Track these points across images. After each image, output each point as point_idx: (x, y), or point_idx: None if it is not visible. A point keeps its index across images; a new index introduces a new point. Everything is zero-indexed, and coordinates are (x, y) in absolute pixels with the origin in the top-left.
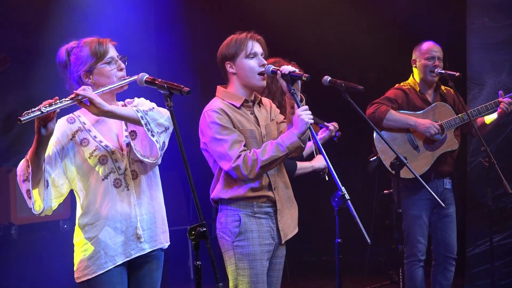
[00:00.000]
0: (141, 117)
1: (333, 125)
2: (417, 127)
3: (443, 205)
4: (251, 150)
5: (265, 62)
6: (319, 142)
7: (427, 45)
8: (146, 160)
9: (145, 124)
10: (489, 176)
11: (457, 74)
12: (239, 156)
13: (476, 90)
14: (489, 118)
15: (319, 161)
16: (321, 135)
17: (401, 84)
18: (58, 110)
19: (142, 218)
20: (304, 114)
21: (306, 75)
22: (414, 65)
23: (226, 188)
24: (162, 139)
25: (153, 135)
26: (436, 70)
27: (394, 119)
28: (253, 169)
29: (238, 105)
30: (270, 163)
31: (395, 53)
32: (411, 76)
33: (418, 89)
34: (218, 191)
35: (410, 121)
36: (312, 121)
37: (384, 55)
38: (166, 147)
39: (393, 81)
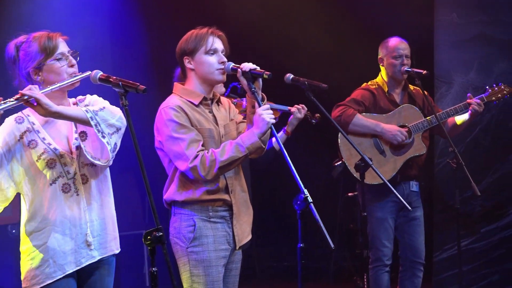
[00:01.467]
0: (91, 117)
1: (295, 107)
2: (384, 134)
3: (409, 207)
4: (209, 150)
5: (225, 59)
6: (280, 142)
7: (393, 42)
8: (96, 162)
9: (95, 125)
10: (457, 178)
11: (424, 72)
12: (197, 156)
13: (444, 88)
14: (460, 119)
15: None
16: (289, 119)
17: (369, 83)
18: (2, 111)
19: (93, 224)
20: (265, 113)
21: (268, 72)
22: (381, 64)
23: (180, 189)
24: (113, 141)
25: (103, 137)
26: (402, 68)
27: (361, 124)
28: (211, 170)
29: (196, 103)
30: (229, 164)
31: (361, 50)
32: (379, 74)
33: (386, 89)
34: (172, 192)
35: (377, 127)
36: (273, 120)
37: (350, 52)
38: (118, 148)
39: (359, 79)
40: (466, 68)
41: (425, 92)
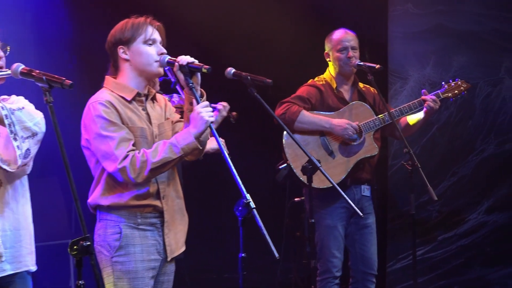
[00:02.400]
0: (6, 115)
1: (221, 105)
2: (332, 128)
3: (361, 214)
4: (140, 151)
5: (165, 50)
6: (220, 142)
7: (338, 34)
8: (4, 166)
9: (9, 125)
10: (413, 181)
11: (377, 66)
12: (127, 156)
13: (399, 84)
14: (414, 119)
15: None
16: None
17: (316, 79)
18: None
19: (5, 234)
20: (204, 111)
21: (207, 66)
22: (328, 59)
23: (106, 193)
24: (25, 146)
25: (15, 139)
26: (354, 62)
27: (307, 121)
28: (142, 172)
29: (129, 99)
30: (162, 166)
31: (309, 43)
32: (327, 70)
33: (334, 85)
34: (97, 196)
35: (324, 122)
36: (212, 119)
37: (297, 45)
38: (32, 155)
39: (310, 75)
40: (422, 62)
41: (375, 90)
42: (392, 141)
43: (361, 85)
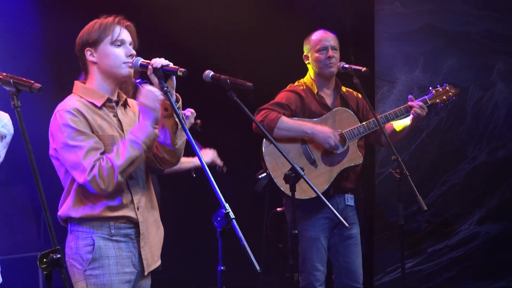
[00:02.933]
0: None
1: (190, 111)
2: (314, 134)
3: (347, 224)
4: (103, 158)
5: (134, 52)
6: (196, 146)
7: (317, 35)
8: None
9: None
10: (401, 190)
11: (364, 69)
12: (94, 166)
13: (386, 88)
14: (400, 125)
15: (205, 156)
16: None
17: (295, 84)
18: None
19: None
20: (150, 95)
21: (182, 69)
22: (308, 62)
23: (77, 204)
24: None
25: None
26: (339, 64)
27: (287, 127)
28: (112, 180)
29: (99, 105)
30: (129, 165)
31: (292, 44)
32: (307, 74)
33: (315, 90)
34: (67, 207)
35: (306, 128)
36: (161, 96)
37: (279, 46)
38: (1, 159)
39: (290, 77)
40: (410, 64)
41: (359, 94)
42: (379, 148)
43: (343, 89)
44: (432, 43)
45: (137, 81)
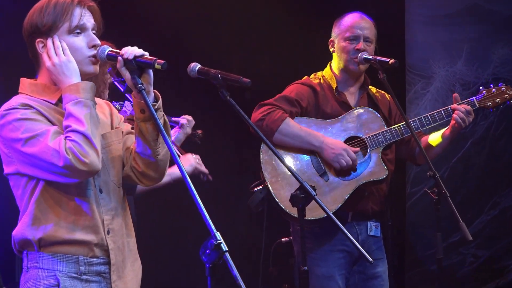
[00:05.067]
0: None
1: (185, 119)
2: (323, 150)
3: (370, 259)
4: (62, 139)
5: (98, 41)
6: (178, 160)
7: (350, 18)
8: None
9: None
10: (439, 215)
11: (392, 60)
12: (65, 143)
13: (420, 85)
14: (435, 138)
15: (185, 163)
16: (174, 135)
17: (311, 76)
18: None
19: None
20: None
21: (161, 61)
22: (332, 49)
23: (37, 223)
24: None
25: None
26: (360, 55)
27: (291, 133)
28: (91, 147)
29: (53, 101)
30: (93, 126)
31: (301, 32)
32: (328, 65)
33: (334, 85)
34: (24, 226)
35: (314, 139)
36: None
37: (285, 35)
38: None
39: (297, 73)
40: (451, 55)
41: (390, 97)
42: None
43: (373, 89)
44: (478, 28)
45: (116, 81)
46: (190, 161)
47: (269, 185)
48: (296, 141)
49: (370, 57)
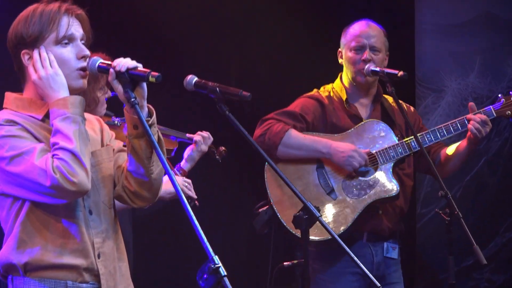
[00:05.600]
0: None
1: (200, 135)
2: (331, 155)
3: (378, 284)
4: (49, 157)
5: (88, 52)
6: (175, 180)
7: (357, 26)
8: None
9: None
10: (451, 238)
11: (400, 73)
12: (52, 161)
13: (430, 99)
14: (454, 148)
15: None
16: (187, 153)
17: (320, 89)
18: None
19: None
20: None
21: (155, 73)
22: (341, 60)
23: (22, 246)
24: None
25: None
26: (367, 67)
27: (296, 143)
28: (79, 165)
29: (39, 117)
30: (82, 143)
31: (307, 42)
32: (338, 77)
33: (344, 97)
34: (9, 250)
35: (321, 145)
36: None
37: (289, 45)
38: None
39: (302, 86)
40: (463, 66)
41: (411, 107)
42: (421, 180)
43: (389, 99)
44: (492, 38)
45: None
46: (178, 182)
47: (274, 205)
48: (302, 151)
49: (377, 69)
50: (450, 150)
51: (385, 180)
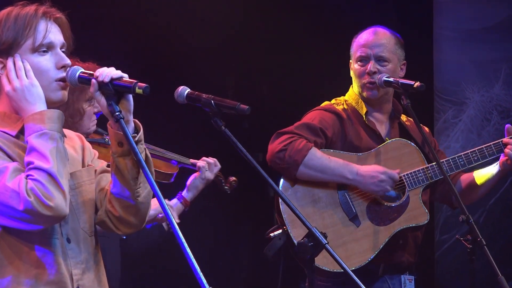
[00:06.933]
0: None
1: (204, 161)
2: (359, 182)
3: None
4: (22, 178)
5: (68, 61)
6: (163, 203)
7: (363, 35)
8: None
9: None
10: (474, 268)
11: (416, 83)
12: (26, 183)
13: (451, 112)
14: (481, 176)
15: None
16: (190, 180)
17: (333, 102)
18: None
19: None
20: None
21: (143, 84)
22: (352, 72)
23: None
24: None
25: None
26: (380, 77)
27: (320, 165)
28: (56, 188)
29: (13, 134)
30: (60, 163)
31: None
32: (350, 88)
33: (364, 110)
34: None
35: (347, 170)
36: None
37: (296, 53)
38: None
39: (312, 98)
40: (487, 77)
41: (425, 127)
42: (441, 204)
43: (403, 117)
44: None
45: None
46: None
47: (288, 229)
48: (325, 174)
49: (391, 79)
50: (479, 175)
51: (414, 207)
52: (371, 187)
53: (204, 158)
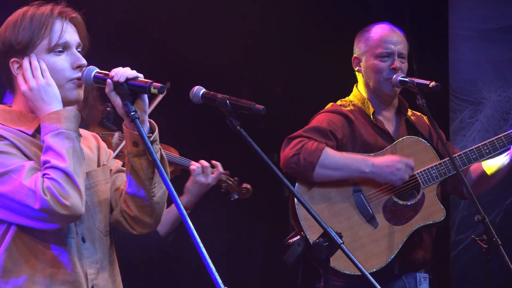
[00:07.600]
0: None
1: (200, 165)
2: (376, 174)
3: None
4: (39, 177)
5: (84, 61)
6: (176, 198)
7: (379, 30)
8: None
9: None
10: (490, 269)
11: (432, 83)
12: (43, 181)
13: (467, 112)
14: (493, 165)
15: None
16: (187, 184)
17: (338, 103)
18: None
19: None
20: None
21: (158, 84)
22: (358, 68)
23: (6, 275)
24: None
25: None
26: (395, 77)
27: (334, 163)
28: (73, 187)
29: (30, 132)
30: (76, 161)
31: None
32: (354, 88)
33: (371, 111)
34: None
35: (362, 164)
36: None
37: (309, 53)
38: None
39: (325, 96)
40: (505, 76)
41: (427, 119)
42: (456, 203)
43: (409, 112)
44: None
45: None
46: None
47: (307, 235)
48: (342, 171)
49: (407, 79)
50: (488, 165)
51: (430, 204)
52: (389, 177)
53: (201, 161)
